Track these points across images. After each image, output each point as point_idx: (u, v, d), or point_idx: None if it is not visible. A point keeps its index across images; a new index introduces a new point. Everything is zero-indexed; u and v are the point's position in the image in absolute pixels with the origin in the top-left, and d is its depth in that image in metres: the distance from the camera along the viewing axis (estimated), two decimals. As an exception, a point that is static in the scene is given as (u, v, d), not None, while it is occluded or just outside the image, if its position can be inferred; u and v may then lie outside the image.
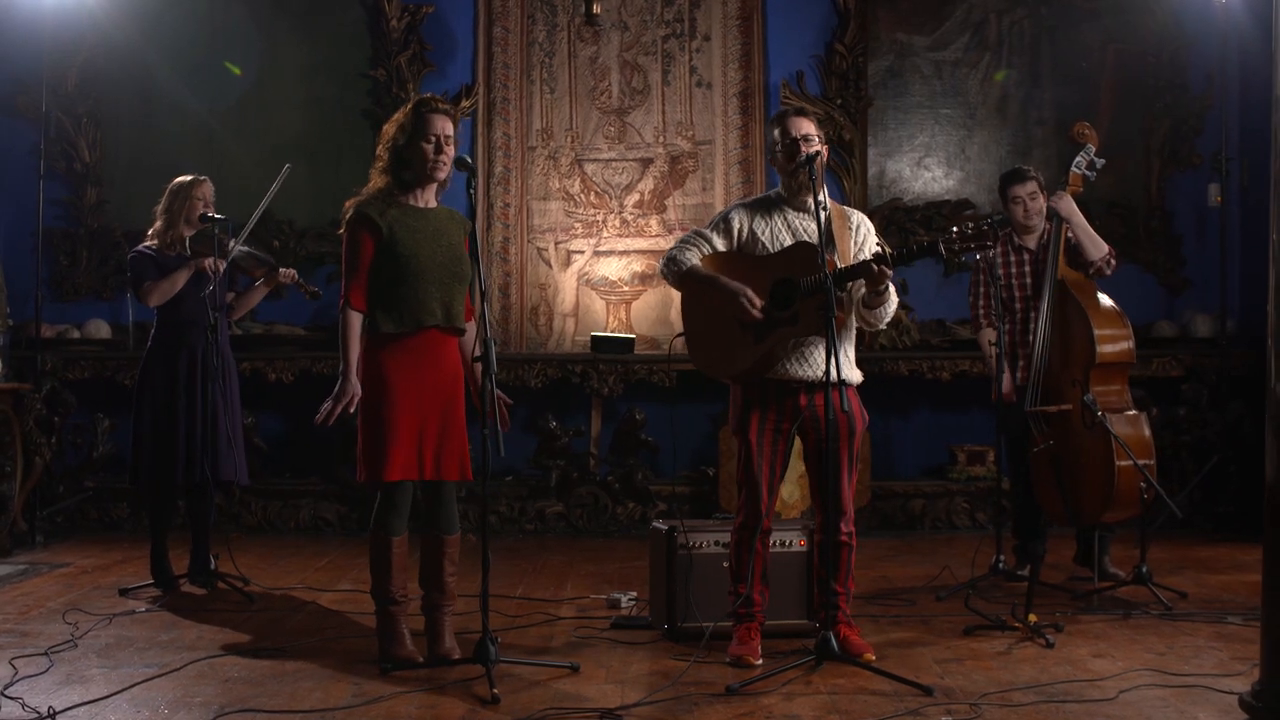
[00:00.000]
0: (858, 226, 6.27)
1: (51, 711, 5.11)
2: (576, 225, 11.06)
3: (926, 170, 11.09)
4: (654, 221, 10.95)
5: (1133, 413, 7.62)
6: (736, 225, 6.22)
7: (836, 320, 5.73)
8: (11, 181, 10.94)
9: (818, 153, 5.97)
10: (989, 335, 7.95)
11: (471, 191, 5.85)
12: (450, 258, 6.00)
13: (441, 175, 6.04)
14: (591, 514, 10.44)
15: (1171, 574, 8.15)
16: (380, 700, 5.37)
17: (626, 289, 10.94)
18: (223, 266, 7.81)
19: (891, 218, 10.91)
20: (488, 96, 11.10)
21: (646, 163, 11.08)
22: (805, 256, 5.92)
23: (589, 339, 10.69)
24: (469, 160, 5.88)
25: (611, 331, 10.82)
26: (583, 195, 11.06)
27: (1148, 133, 10.96)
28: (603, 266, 10.97)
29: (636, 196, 11.05)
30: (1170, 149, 10.92)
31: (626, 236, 10.96)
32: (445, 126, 6.03)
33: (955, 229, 5.77)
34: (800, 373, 6.03)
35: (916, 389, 10.70)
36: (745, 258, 6.15)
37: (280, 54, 11.13)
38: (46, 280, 10.92)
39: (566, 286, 11.01)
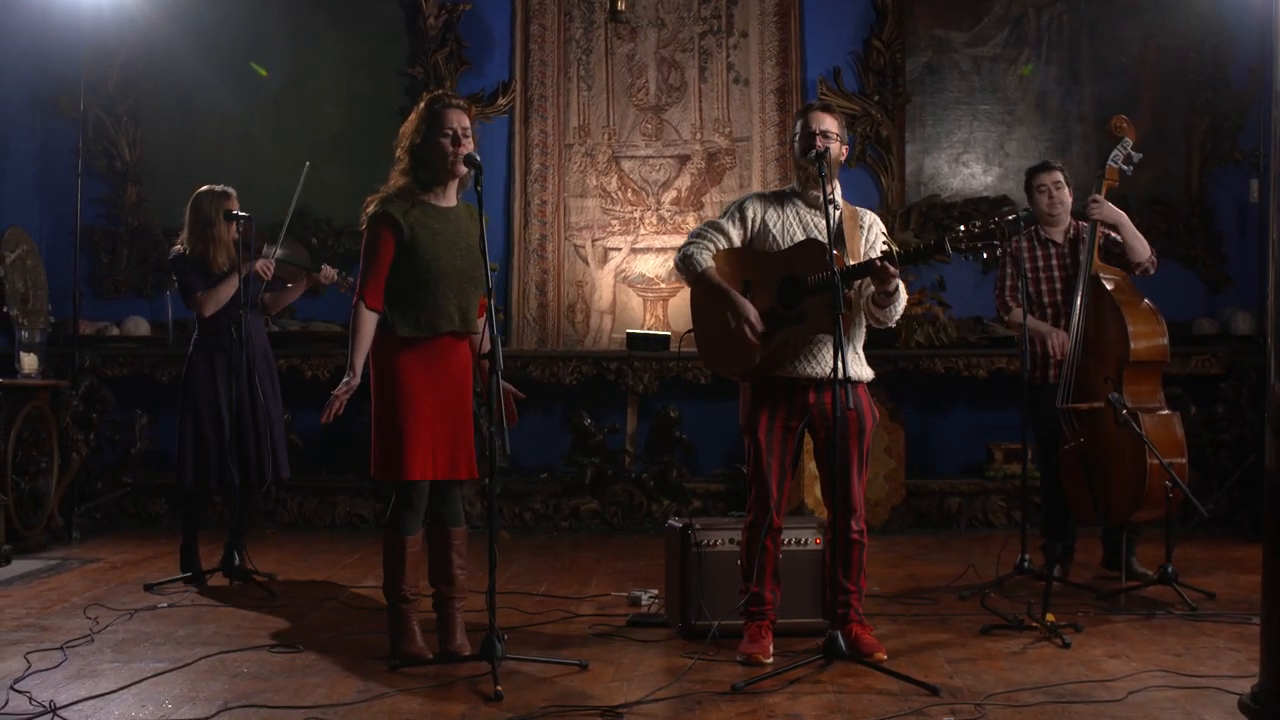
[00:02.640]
0: (869, 226, 6.26)
1: (53, 705, 5.15)
2: (613, 222, 11.06)
3: (965, 167, 11.03)
4: (691, 218, 10.92)
5: (1165, 412, 7.53)
6: (751, 214, 6.21)
7: (844, 318, 5.69)
8: (54, 180, 11.07)
9: (827, 148, 5.94)
10: (1019, 315, 7.82)
11: (479, 189, 5.81)
12: (469, 261, 5.98)
13: (462, 170, 6.02)
14: (626, 511, 10.42)
15: (1204, 574, 8.06)
16: (384, 696, 5.38)
17: (664, 286, 10.92)
18: (271, 268, 7.90)
19: (929, 214, 10.86)
20: (525, 94, 11.12)
21: (684, 159, 11.07)
22: (813, 253, 5.89)
23: (625, 336, 10.68)
24: (477, 158, 5.87)
25: (648, 329, 10.82)
26: (620, 192, 11.06)
27: (1189, 128, 10.85)
28: (640, 264, 10.96)
29: (674, 193, 11.04)
30: (1211, 145, 10.81)
31: (664, 234, 10.95)
32: (461, 120, 6.02)
33: (963, 226, 5.74)
34: (808, 370, 6.00)
35: (953, 387, 10.64)
36: (755, 254, 6.13)
37: (318, 53, 11.20)
38: (88, 278, 11.07)
39: (603, 284, 11.01)
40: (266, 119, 11.19)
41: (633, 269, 10.99)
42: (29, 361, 9.84)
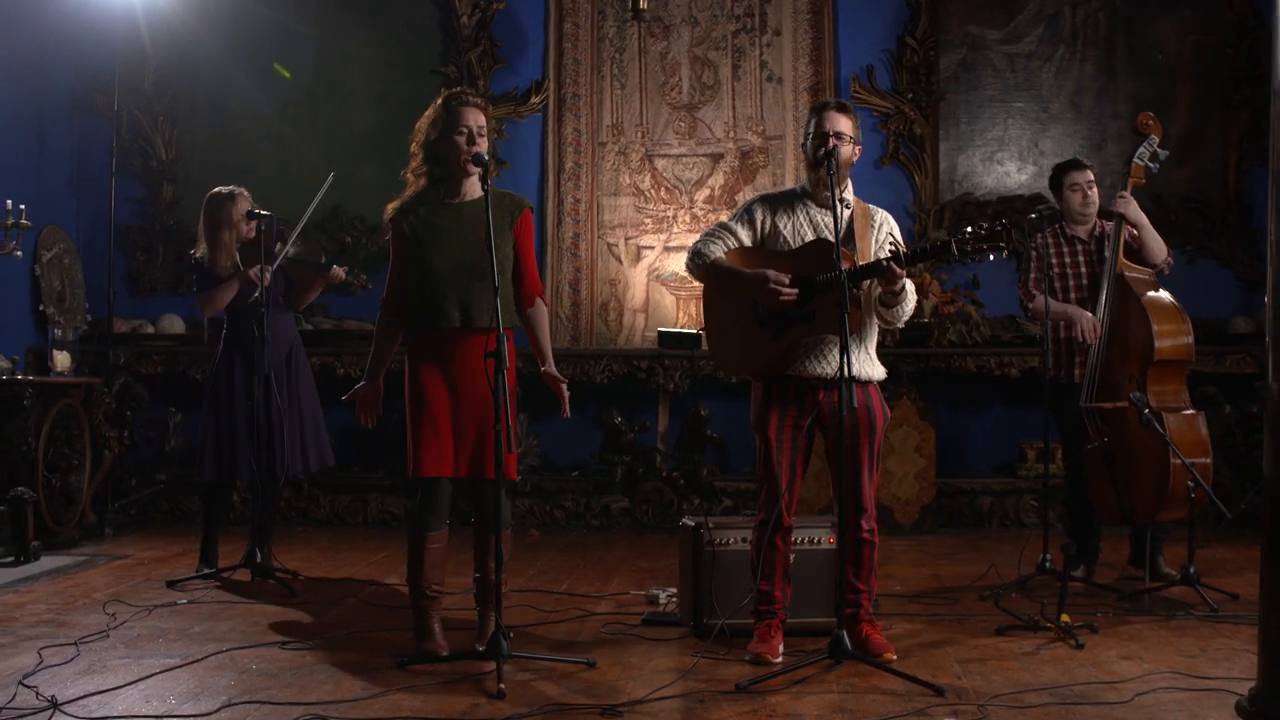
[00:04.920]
0: (880, 225, 6.21)
1: (55, 701, 5.18)
2: (647, 221, 11.07)
3: (999, 165, 10.98)
4: (724, 217, 10.88)
5: (1189, 412, 7.46)
6: (759, 217, 6.17)
7: (853, 317, 5.69)
8: (91, 179, 11.16)
9: (835, 147, 5.91)
10: (1041, 303, 7.74)
11: (486, 188, 5.80)
12: (476, 257, 5.92)
13: (473, 169, 6.01)
14: (657, 509, 10.41)
15: (1232, 574, 7.99)
16: (387, 694, 5.38)
17: (696, 285, 10.90)
18: (269, 272, 7.91)
19: (963, 213, 10.81)
20: (558, 92, 11.15)
21: (717, 158, 11.07)
22: (822, 253, 5.87)
23: (656, 334, 10.69)
24: (484, 156, 5.89)
25: (682, 327, 10.81)
26: (653, 191, 11.06)
27: (1226, 126, 10.77)
28: (673, 262, 10.95)
29: (707, 192, 11.04)
30: (1249, 142, 10.71)
31: (697, 232, 10.86)
32: (477, 118, 6.04)
33: (969, 228, 5.70)
34: (818, 370, 5.98)
35: (986, 385, 10.60)
36: (765, 254, 6.10)
37: (351, 52, 11.27)
38: (124, 276, 11.17)
39: (637, 282, 11.02)
40: (300, 118, 11.27)
41: (666, 267, 11.00)
42: (61, 359, 9.93)
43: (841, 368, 5.58)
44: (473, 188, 6.11)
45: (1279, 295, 4.49)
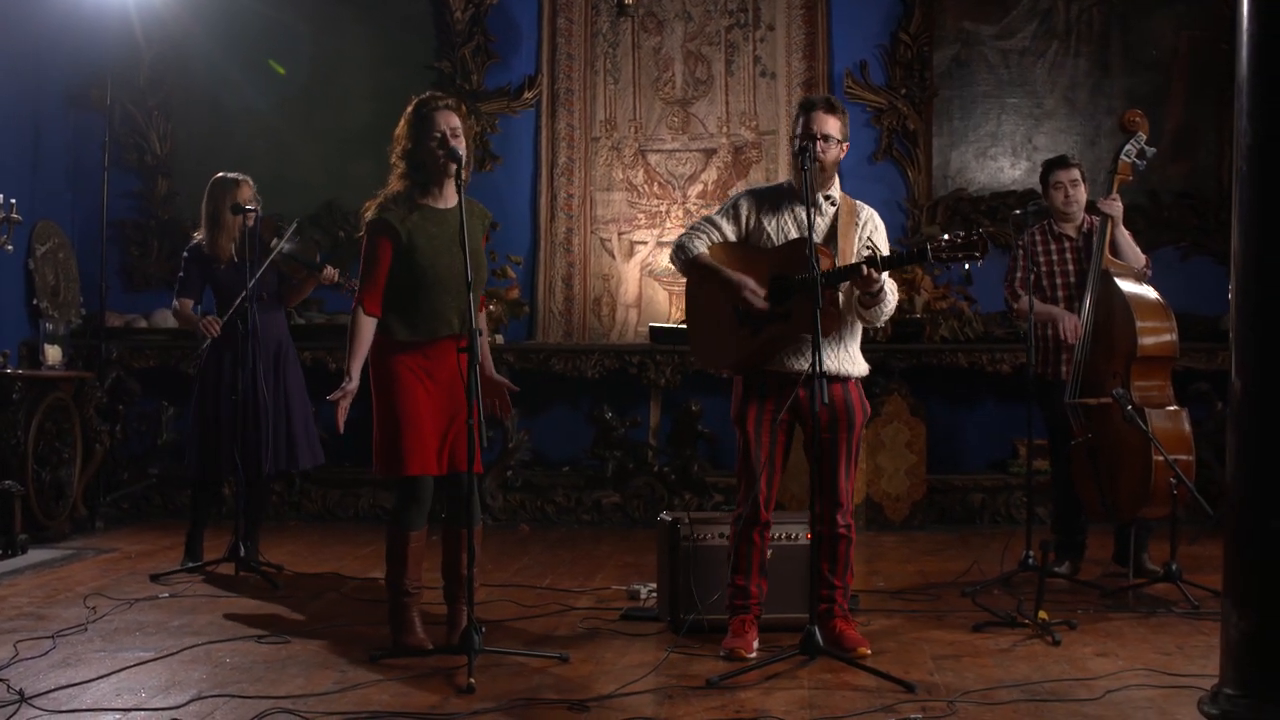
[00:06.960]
0: (865, 223, 6.21)
1: (23, 694, 5.19)
2: (640, 216, 11.07)
3: (992, 160, 10.97)
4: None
5: (1173, 408, 7.46)
6: (745, 213, 6.19)
7: (831, 317, 5.80)
8: (86, 174, 11.15)
9: (810, 149, 5.91)
10: (1026, 304, 7.75)
11: (459, 184, 5.85)
12: (466, 265, 5.97)
13: (453, 168, 6.04)
14: (648, 505, 10.38)
15: (1216, 571, 7.79)
16: (357, 688, 5.40)
17: (690, 280, 10.90)
18: (288, 245, 7.99)
19: (956, 208, 10.81)
20: (551, 87, 11.15)
21: (710, 153, 11.07)
22: (802, 253, 5.87)
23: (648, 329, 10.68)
24: (458, 152, 5.92)
25: (675, 323, 10.79)
26: (646, 186, 11.06)
27: (1220, 122, 10.69)
28: (665, 257, 10.92)
29: (700, 187, 11.03)
30: (1244, 138, 10.67)
31: (690, 228, 10.92)
32: (450, 120, 6.07)
33: (945, 236, 5.73)
34: (798, 366, 5.98)
35: (979, 382, 10.56)
36: (748, 250, 6.13)
37: (346, 47, 11.27)
38: (118, 270, 11.18)
39: (629, 277, 11.02)
40: (295, 113, 11.26)
41: (659, 262, 10.99)
42: (52, 353, 9.94)
43: (814, 364, 5.58)
44: (452, 193, 6.13)
45: (1242, 292, 4.47)
